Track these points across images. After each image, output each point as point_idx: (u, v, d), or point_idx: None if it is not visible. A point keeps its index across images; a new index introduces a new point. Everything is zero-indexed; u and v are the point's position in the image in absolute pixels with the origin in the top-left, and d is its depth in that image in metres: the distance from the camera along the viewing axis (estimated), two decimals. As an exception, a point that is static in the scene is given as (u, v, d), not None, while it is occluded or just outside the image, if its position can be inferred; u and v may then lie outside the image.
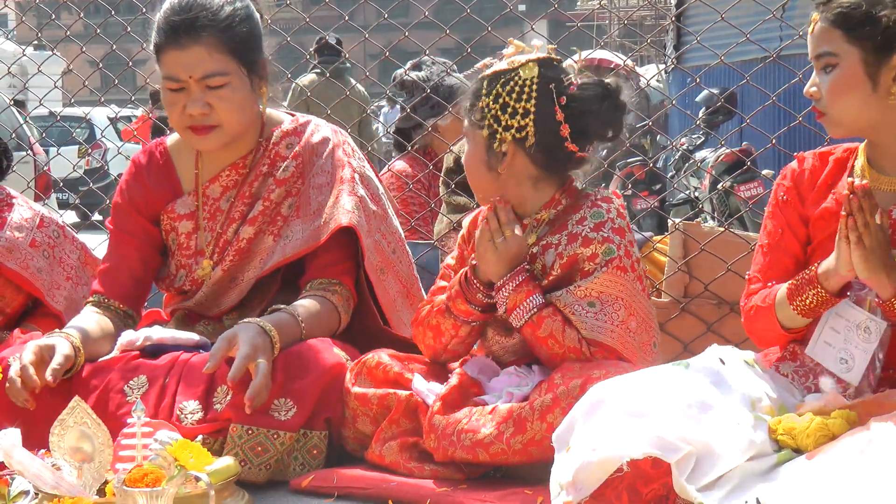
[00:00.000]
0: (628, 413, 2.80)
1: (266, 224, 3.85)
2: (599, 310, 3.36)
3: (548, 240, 3.47)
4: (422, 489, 3.25)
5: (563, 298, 3.38)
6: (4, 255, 4.21)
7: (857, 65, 3.07)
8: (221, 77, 3.66)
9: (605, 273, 3.37)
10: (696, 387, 2.87)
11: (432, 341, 3.58)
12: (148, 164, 3.98)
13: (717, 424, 2.78)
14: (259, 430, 3.37)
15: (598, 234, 3.40)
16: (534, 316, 3.36)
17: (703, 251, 4.46)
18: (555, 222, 3.49)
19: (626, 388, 2.90)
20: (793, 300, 3.17)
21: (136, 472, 2.72)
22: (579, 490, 2.79)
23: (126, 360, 3.61)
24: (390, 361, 3.53)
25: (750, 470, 2.77)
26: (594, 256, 3.39)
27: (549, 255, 3.46)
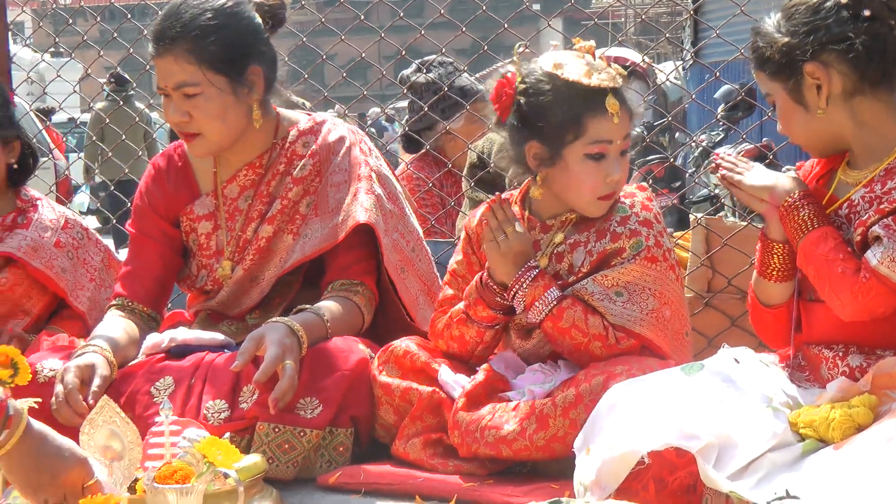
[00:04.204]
0: (646, 410, 2.85)
1: (285, 223, 3.89)
2: (627, 299, 3.40)
3: (575, 238, 3.49)
4: (448, 484, 3.29)
5: (588, 287, 3.42)
6: (30, 255, 4.27)
7: (784, 97, 3.16)
8: (192, 87, 3.70)
9: (635, 264, 3.41)
10: (713, 384, 2.92)
11: (457, 350, 3.61)
12: (167, 167, 4.03)
13: (736, 416, 2.82)
14: (286, 428, 3.42)
15: (626, 228, 3.44)
16: (553, 308, 3.39)
17: (726, 245, 4.49)
18: (581, 221, 3.52)
19: (642, 389, 2.95)
20: (762, 270, 3.27)
21: (165, 469, 2.75)
22: (604, 488, 2.83)
23: (151, 363, 3.67)
24: (418, 351, 3.57)
25: (777, 461, 2.80)
26: (622, 251, 3.44)
27: (577, 253, 3.48)
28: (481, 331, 3.55)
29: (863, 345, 3.14)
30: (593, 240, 3.47)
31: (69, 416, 3.40)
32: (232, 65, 3.73)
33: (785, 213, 3.15)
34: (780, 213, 3.16)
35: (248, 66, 3.76)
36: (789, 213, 3.14)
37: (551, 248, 3.52)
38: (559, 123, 3.38)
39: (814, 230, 3.11)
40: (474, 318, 3.53)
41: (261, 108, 3.81)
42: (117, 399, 3.38)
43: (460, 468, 3.37)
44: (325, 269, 3.88)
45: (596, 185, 3.40)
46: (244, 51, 3.76)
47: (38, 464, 2.64)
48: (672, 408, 2.83)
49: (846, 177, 3.20)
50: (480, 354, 3.60)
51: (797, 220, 3.13)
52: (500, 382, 3.46)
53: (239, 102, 3.76)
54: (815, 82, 3.09)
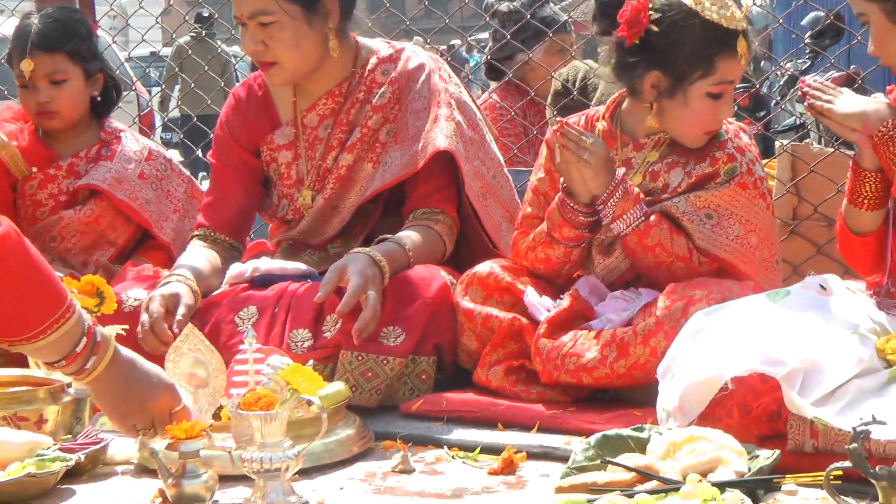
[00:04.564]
0: (730, 336, 2.84)
1: (364, 151, 3.89)
2: (716, 222, 3.42)
3: (673, 158, 3.52)
4: (530, 412, 3.30)
5: (680, 206, 3.44)
6: (114, 186, 4.31)
7: (881, 17, 3.10)
8: (266, 16, 3.71)
9: (727, 189, 3.44)
10: (798, 311, 2.90)
11: (544, 270, 3.61)
12: (247, 97, 4.04)
13: (822, 342, 2.80)
14: (369, 356, 3.45)
15: (723, 153, 3.48)
16: (641, 224, 3.39)
17: (812, 172, 4.45)
18: (675, 143, 3.53)
19: (726, 315, 2.94)
20: (852, 198, 3.20)
21: (249, 396, 2.77)
22: (686, 413, 2.83)
23: (235, 293, 3.70)
24: (502, 272, 3.58)
25: (863, 387, 2.78)
26: (716, 175, 3.47)
27: (674, 173, 3.51)
28: (567, 250, 3.55)
29: None
30: (692, 162, 3.50)
31: (154, 344, 3.45)
32: None
33: (879, 142, 3.10)
34: (874, 141, 3.11)
35: None
36: (884, 142, 3.09)
37: (645, 167, 3.54)
38: (690, 60, 3.41)
39: None
40: (559, 239, 3.53)
41: (337, 37, 3.81)
42: (202, 328, 3.41)
43: (543, 395, 3.38)
44: (406, 198, 3.89)
45: (709, 121, 3.45)
46: None
47: (126, 390, 2.67)
48: (757, 334, 2.82)
49: None
50: (567, 273, 3.61)
51: (893, 149, 3.08)
52: (584, 308, 3.46)
53: (314, 31, 3.76)
54: None
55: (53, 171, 4.38)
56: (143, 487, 2.91)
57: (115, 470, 3.07)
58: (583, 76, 5.46)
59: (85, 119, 4.44)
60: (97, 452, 3.03)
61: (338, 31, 3.81)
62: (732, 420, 2.83)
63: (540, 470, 2.98)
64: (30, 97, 4.33)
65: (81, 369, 2.58)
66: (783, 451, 2.71)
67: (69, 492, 2.90)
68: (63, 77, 4.31)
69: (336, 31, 3.80)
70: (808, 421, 2.73)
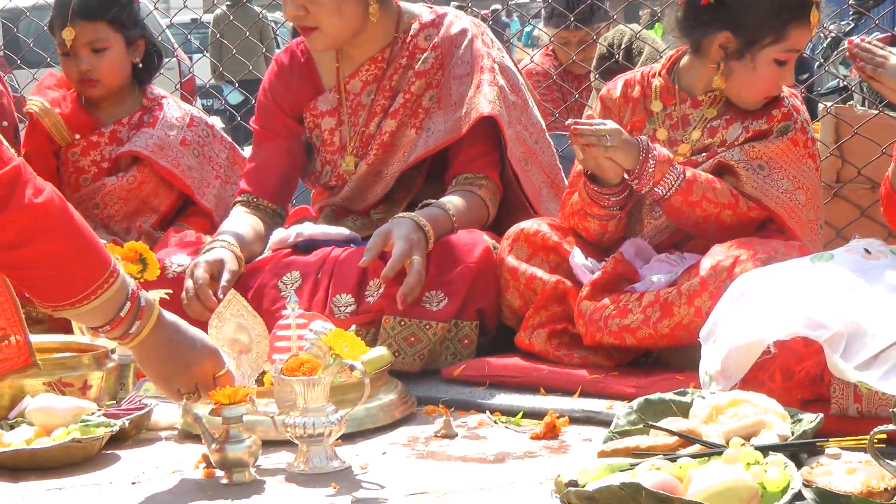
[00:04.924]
0: (773, 300, 2.82)
1: (408, 117, 3.89)
2: (767, 174, 3.45)
3: (732, 115, 3.55)
4: (573, 376, 3.30)
5: (735, 155, 3.46)
6: (156, 153, 4.32)
7: None
8: None
9: (780, 142, 3.48)
10: (842, 274, 2.87)
11: (585, 236, 3.61)
12: (290, 63, 4.04)
13: (866, 306, 2.78)
14: (411, 321, 3.45)
15: (779, 112, 3.52)
16: (682, 182, 3.38)
17: (856, 135, 4.41)
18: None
19: (769, 278, 2.92)
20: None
21: (292, 361, 2.78)
22: (729, 377, 2.82)
23: (278, 258, 3.71)
24: (549, 231, 3.57)
25: (906, 350, 2.76)
26: (770, 132, 3.50)
27: (733, 129, 3.54)
28: (602, 223, 3.55)
29: None
30: (750, 118, 3.53)
31: (199, 310, 3.45)
32: None
33: None
34: None
35: None
36: None
37: (703, 123, 3.56)
38: (764, 25, 3.41)
39: None
40: (592, 215, 3.53)
41: (378, 2, 3.79)
42: (245, 293, 3.42)
43: (586, 360, 3.38)
44: (449, 163, 3.88)
45: (771, 86, 3.50)
46: None
47: (170, 354, 2.67)
48: (800, 297, 2.80)
49: None
50: (610, 239, 3.60)
51: None
52: (627, 271, 3.45)
53: None
54: None
55: (96, 137, 4.40)
56: (186, 452, 2.92)
57: (158, 435, 3.09)
58: (628, 40, 5.45)
59: (127, 86, 4.45)
60: (141, 418, 3.05)
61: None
62: (775, 384, 2.83)
63: (582, 434, 2.98)
64: (71, 65, 4.35)
65: (126, 334, 2.59)
66: (826, 414, 2.70)
67: (113, 457, 2.92)
68: (104, 45, 4.32)
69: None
70: (852, 385, 2.73)
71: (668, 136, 3.59)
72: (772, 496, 2.24)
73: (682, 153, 3.55)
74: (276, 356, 3.03)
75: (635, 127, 3.61)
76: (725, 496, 2.19)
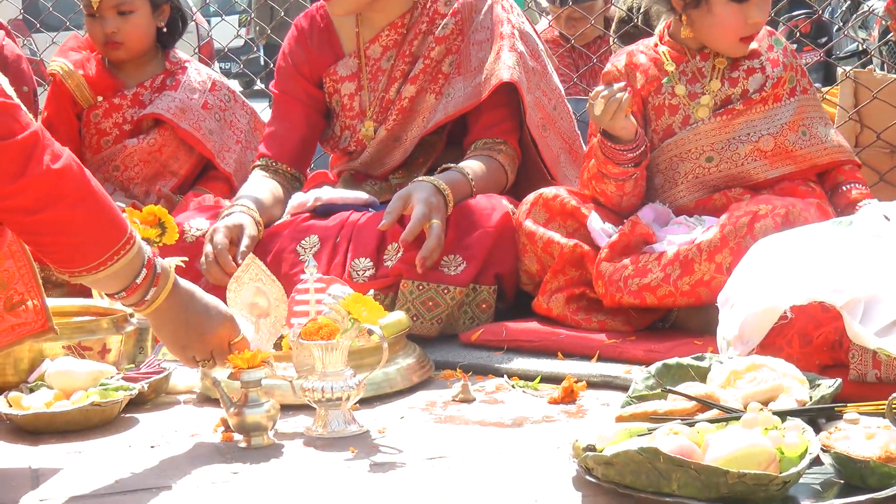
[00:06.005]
0: (791, 265, 2.80)
1: (427, 82, 3.87)
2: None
3: (749, 65, 3.60)
4: (591, 341, 3.29)
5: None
6: (178, 116, 4.32)
7: None
8: None
9: None
10: (860, 240, 2.85)
11: (604, 201, 3.60)
12: (310, 28, 4.02)
13: (884, 271, 2.76)
14: (430, 285, 3.44)
15: (788, 60, 3.63)
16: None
17: (876, 99, 4.37)
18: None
19: (787, 242, 2.91)
20: None
21: (310, 325, 2.78)
22: (746, 342, 2.81)
23: (297, 222, 3.70)
24: (568, 196, 3.56)
25: (925, 316, 2.74)
26: (784, 81, 3.59)
27: (754, 79, 3.59)
28: (619, 184, 3.54)
29: None
30: (769, 67, 3.60)
31: (219, 275, 3.44)
32: None
33: None
34: None
35: None
36: None
37: (719, 73, 3.61)
38: None
39: None
40: (608, 175, 3.52)
41: None
42: (263, 257, 3.43)
43: (604, 324, 3.37)
44: (468, 128, 3.86)
45: (738, 27, 3.50)
46: None
47: (185, 321, 2.67)
48: (817, 262, 2.78)
49: None
50: (628, 204, 3.59)
51: None
52: (644, 234, 3.43)
53: None
54: None
55: (118, 100, 4.41)
56: (205, 416, 2.92)
57: (177, 399, 3.09)
58: (647, 4, 5.43)
59: (151, 49, 4.47)
60: (160, 381, 3.05)
61: None
62: (793, 349, 2.82)
63: (600, 399, 2.97)
64: (97, 27, 4.35)
65: (141, 300, 2.58)
66: (845, 380, 2.68)
67: (132, 420, 2.92)
68: (130, 8, 4.34)
69: None
70: (871, 351, 2.71)
71: (687, 91, 3.62)
72: (790, 461, 2.23)
73: (706, 104, 3.59)
74: (294, 320, 3.02)
75: (649, 90, 3.63)
76: (743, 461, 2.17)
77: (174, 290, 2.63)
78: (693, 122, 3.58)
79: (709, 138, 3.56)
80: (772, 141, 3.53)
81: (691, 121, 3.59)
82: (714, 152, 3.56)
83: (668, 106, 3.62)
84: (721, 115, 3.56)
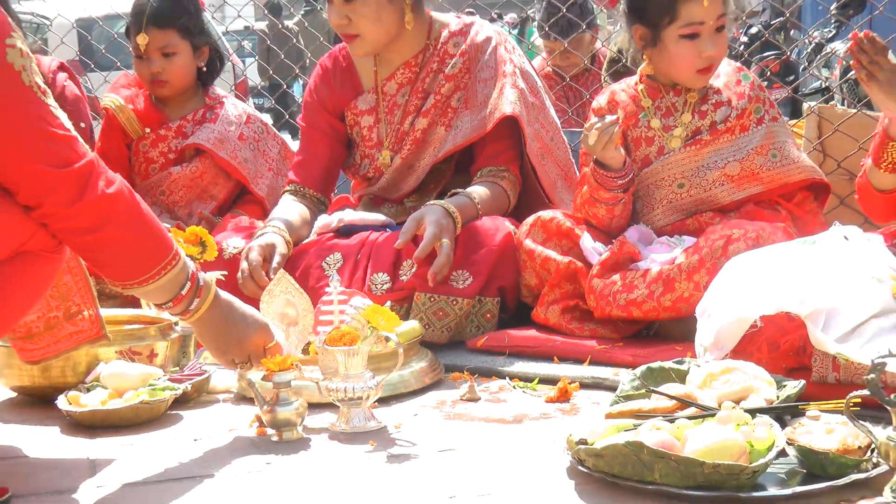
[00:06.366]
0: (761, 279, 2.81)
1: (438, 116, 3.87)
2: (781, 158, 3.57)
3: (717, 99, 3.58)
4: (583, 347, 3.29)
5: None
6: (217, 146, 4.33)
7: None
8: None
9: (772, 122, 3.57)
10: (823, 257, 2.86)
11: (595, 223, 3.59)
12: (333, 67, 4.03)
13: (844, 286, 2.76)
14: (440, 297, 3.45)
15: (753, 93, 3.59)
16: None
17: (837, 131, 4.38)
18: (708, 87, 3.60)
19: (758, 259, 2.91)
20: (877, 161, 3.15)
21: (334, 333, 2.78)
22: (721, 348, 2.82)
23: (322, 241, 3.71)
24: (563, 218, 3.57)
25: (880, 326, 2.74)
26: (749, 112, 3.56)
27: (721, 111, 3.56)
28: (609, 208, 3.54)
29: None
30: (734, 99, 3.57)
31: (253, 289, 3.46)
32: None
33: None
34: None
35: None
36: None
37: (691, 107, 3.59)
38: (658, 10, 3.47)
39: None
40: (600, 200, 3.52)
41: (413, 12, 3.78)
42: (293, 273, 3.42)
43: (595, 332, 3.38)
44: (475, 157, 3.87)
45: (692, 61, 3.48)
46: None
47: (225, 329, 2.68)
48: (784, 277, 2.79)
49: None
50: (618, 226, 3.59)
51: None
52: (631, 253, 3.44)
53: (392, 6, 3.74)
54: None
55: (164, 131, 4.41)
56: (241, 413, 2.93)
57: (216, 398, 3.09)
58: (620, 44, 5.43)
59: (192, 87, 4.47)
60: (201, 382, 3.06)
61: (413, 7, 3.79)
62: (762, 354, 2.82)
63: (591, 398, 2.97)
64: (144, 67, 4.37)
65: (186, 310, 2.60)
66: (808, 381, 2.69)
67: (177, 416, 2.93)
68: (173, 50, 4.34)
69: (412, 7, 3.78)
70: (831, 356, 2.71)
71: (662, 124, 3.61)
72: (758, 453, 2.24)
73: (678, 135, 3.58)
74: (320, 328, 3.02)
75: (628, 125, 3.63)
76: (717, 453, 2.18)
77: (215, 300, 2.64)
78: (667, 152, 3.58)
79: (680, 167, 3.56)
80: (738, 166, 3.52)
81: (665, 151, 3.59)
82: (685, 179, 3.55)
83: (644, 138, 3.62)
84: (691, 146, 3.55)
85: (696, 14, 3.41)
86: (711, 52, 3.45)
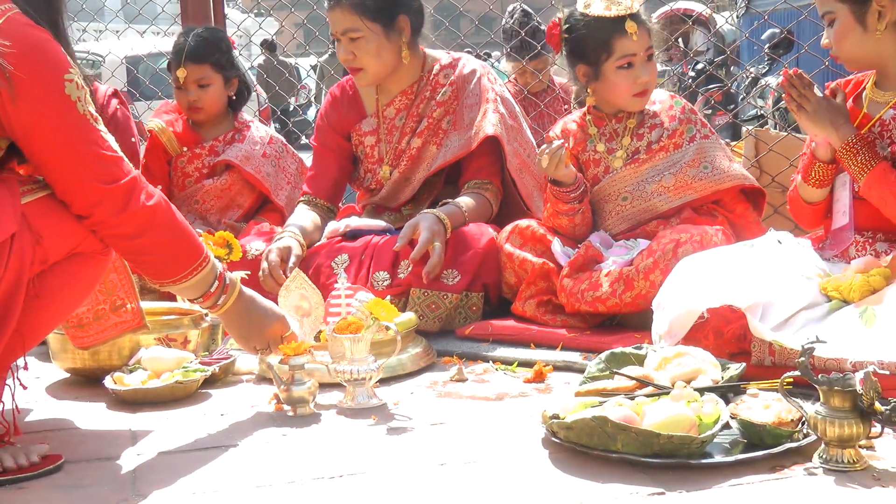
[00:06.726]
0: (707, 277, 2.80)
1: (430, 136, 3.85)
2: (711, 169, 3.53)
3: (652, 122, 3.56)
4: (556, 335, 3.27)
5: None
6: (244, 162, 4.31)
7: (848, 16, 2.96)
8: (354, 32, 3.66)
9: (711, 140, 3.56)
10: (760, 258, 2.85)
11: (562, 231, 3.57)
12: (341, 95, 4.01)
13: (777, 283, 2.76)
14: (433, 292, 3.42)
15: (684, 116, 3.57)
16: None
17: (771, 151, 4.37)
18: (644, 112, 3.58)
19: (705, 260, 2.91)
20: (805, 177, 3.14)
21: (342, 323, 2.77)
22: (673, 336, 2.81)
23: (332, 244, 3.68)
24: (537, 226, 3.55)
25: (809, 317, 2.76)
26: (682, 132, 3.53)
27: (655, 132, 3.54)
28: (570, 218, 3.53)
29: (889, 232, 3.05)
30: (667, 121, 3.55)
31: (272, 285, 3.43)
32: (384, 15, 3.68)
33: (846, 152, 2.97)
34: (842, 151, 2.97)
35: (397, 15, 3.71)
36: (849, 153, 2.97)
37: (630, 132, 3.56)
38: (594, 48, 3.47)
39: (874, 168, 2.95)
40: (560, 212, 3.51)
41: (409, 49, 3.76)
42: (306, 271, 3.42)
43: (566, 322, 3.35)
44: (462, 172, 3.84)
45: (629, 87, 3.48)
46: (394, 4, 3.71)
47: (248, 320, 2.67)
48: (727, 275, 2.78)
49: (875, 96, 3.07)
50: (581, 232, 3.56)
51: (858, 160, 2.96)
52: (595, 255, 3.41)
53: (391, 44, 3.72)
54: (879, 8, 2.92)
55: (199, 150, 4.40)
56: (262, 392, 2.91)
57: (241, 379, 3.07)
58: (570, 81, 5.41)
59: (223, 112, 4.45)
60: (227, 365, 3.04)
61: (409, 44, 3.77)
62: (709, 341, 2.81)
63: (563, 379, 2.96)
64: (182, 97, 4.35)
65: (214, 304, 2.60)
66: (748, 364, 2.68)
67: (207, 395, 2.92)
68: (208, 82, 4.32)
69: (408, 44, 3.76)
70: (768, 342, 2.70)
71: (606, 148, 3.59)
72: (706, 426, 2.23)
73: (620, 156, 3.56)
74: (329, 319, 3.00)
75: (579, 150, 3.62)
76: (671, 426, 2.18)
77: (239, 296, 2.64)
78: (611, 171, 3.56)
79: (623, 183, 3.53)
80: (672, 178, 3.48)
81: (610, 170, 3.56)
82: (628, 192, 3.53)
83: (593, 160, 3.60)
84: (631, 164, 3.53)
85: (629, 47, 3.42)
86: (645, 78, 3.46)
